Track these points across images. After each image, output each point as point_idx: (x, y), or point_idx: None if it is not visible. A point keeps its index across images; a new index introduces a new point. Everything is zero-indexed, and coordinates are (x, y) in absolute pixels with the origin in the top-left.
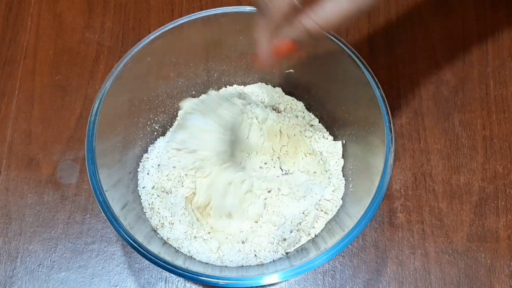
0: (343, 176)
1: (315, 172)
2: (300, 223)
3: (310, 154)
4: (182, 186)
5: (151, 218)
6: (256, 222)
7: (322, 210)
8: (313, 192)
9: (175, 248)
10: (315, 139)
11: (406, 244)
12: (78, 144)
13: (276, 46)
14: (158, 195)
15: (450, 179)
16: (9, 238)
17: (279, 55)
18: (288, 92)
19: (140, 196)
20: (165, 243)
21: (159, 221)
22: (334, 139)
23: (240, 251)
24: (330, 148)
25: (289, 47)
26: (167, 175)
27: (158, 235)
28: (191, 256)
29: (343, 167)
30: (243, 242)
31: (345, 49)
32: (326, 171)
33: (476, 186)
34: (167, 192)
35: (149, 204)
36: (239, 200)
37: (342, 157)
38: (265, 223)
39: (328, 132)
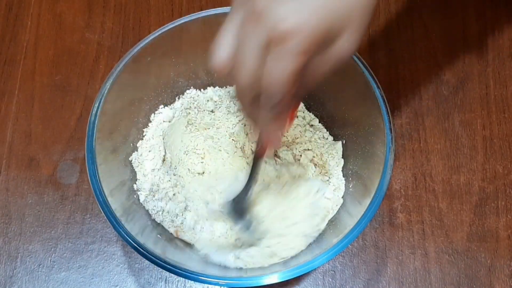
0: (343, 176)
1: (314, 171)
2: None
3: (309, 151)
4: (183, 187)
5: (151, 218)
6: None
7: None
8: (314, 191)
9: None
10: (315, 139)
11: (406, 244)
12: (78, 144)
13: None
14: (159, 197)
15: (450, 179)
16: (9, 238)
17: (289, 126)
18: None
19: (140, 196)
20: (165, 242)
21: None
22: (334, 139)
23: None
24: (330, 148)
25: (293, 115)
26: (167, 174)
27: (159, 235)
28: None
29: (343, 167)
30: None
31: None
32: (326, 171)
33: (476, 186)
34: (166, 193)
35: (149, 204)
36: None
37: (342, 157)
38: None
39: (328, 132)
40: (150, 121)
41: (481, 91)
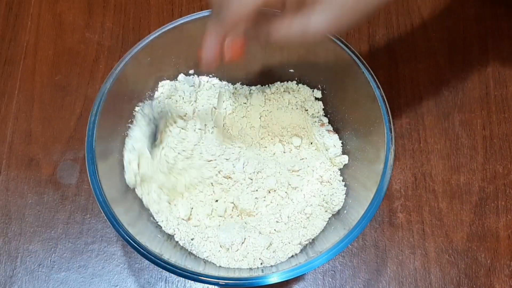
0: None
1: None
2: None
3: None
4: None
5: (151, 217)
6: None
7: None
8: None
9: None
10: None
11: (406, 244)
12: (78, 144)
13: (226, 48)
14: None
15: (450, 179)
16: (9, 238)
17: (230, 59)
18: None
19: (140, 196)
20: (165, 242)
21: (161, 220)
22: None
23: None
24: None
25: (238, 52)
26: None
27: (159, 235)
28: (192, 254)
29: (343, 167)
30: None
31: (345, 49)
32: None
33: (476, 186)
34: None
35: (150, 204)
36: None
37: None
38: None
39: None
40: None
41: (481, 91)
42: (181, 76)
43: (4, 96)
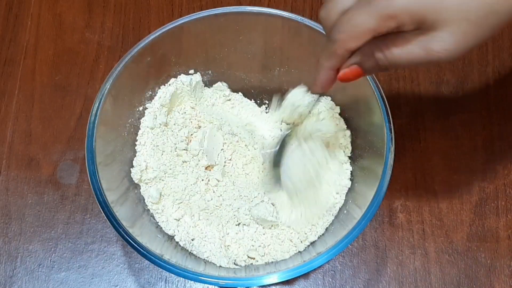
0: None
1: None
2: None
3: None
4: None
5: (152, 218)
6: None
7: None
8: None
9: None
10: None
11: (406, 244)
12: (78, 144)
13: (342, 72)
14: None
15: (450, 179)
16: (9, 238)
17: (344, 81)
18: None
19: (141, 196)
20: (165, 242)
21: (161, 220)
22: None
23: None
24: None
25: (355, 74)
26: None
27: (159, 235)
28: (192, 254)
29: None
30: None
31: None
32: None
33: (476, 186)
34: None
35: (150, 204)
36: None
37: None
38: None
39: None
40: None
41: (481, 91)
42: (181, 76)
43: (4, 96)
